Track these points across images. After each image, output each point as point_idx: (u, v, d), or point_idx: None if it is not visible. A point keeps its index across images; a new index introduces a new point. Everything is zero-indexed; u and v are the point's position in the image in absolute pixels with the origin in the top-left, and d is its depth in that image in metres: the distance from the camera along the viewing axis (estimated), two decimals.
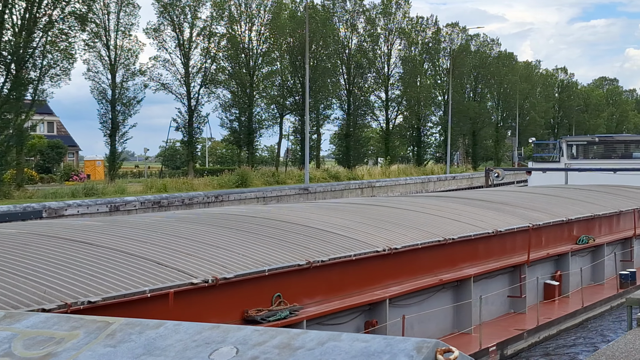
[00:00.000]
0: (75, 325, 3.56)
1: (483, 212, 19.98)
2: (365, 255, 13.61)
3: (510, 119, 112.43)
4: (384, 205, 19.33)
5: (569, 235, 22.20)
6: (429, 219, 17.62)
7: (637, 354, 9.06)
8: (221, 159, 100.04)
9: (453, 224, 17.61)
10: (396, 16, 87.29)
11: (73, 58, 51.62)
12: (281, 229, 13.99)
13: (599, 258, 23.10)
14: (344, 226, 15.15)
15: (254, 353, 3.06)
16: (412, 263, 14.97)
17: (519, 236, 19.08)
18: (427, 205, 19.96)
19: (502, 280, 18.09)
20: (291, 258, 12.15)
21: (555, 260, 20.95)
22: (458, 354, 2.82)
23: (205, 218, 14.77)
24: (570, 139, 45.90)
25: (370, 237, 14.72)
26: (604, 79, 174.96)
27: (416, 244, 15.05)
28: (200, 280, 10.21)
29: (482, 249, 17.54)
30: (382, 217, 17.04)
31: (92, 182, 48.52)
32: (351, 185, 56.81)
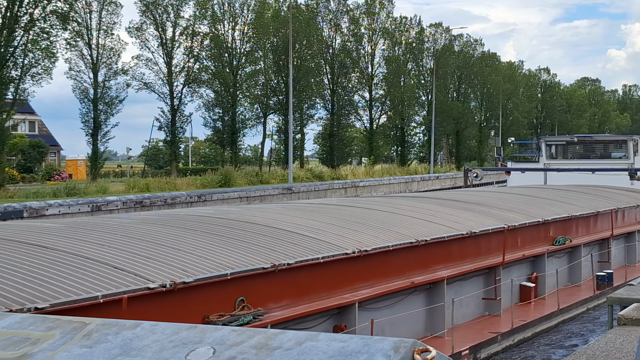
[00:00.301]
0: (51, 325, 3.53)
1: (458, 213, 19.56)
2: (334, 258, 13.21)
3: (493, 119, 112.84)
4: (358, 206, 18.87)
5: (546, 236, 21.82)
6: (402, 220, 17.15)
7: (617, 353, 9.09)
8: (204, 159, 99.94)
9: (426, 225, 17.18)
10: (380, 16, 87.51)
11: (55, 57, 51.47)
12: (247, 231, 13.51)
13: (575, 259, 22.80)
14: (313, 228, 14.69)
15: (231, 353, 3.04)
16: (383, 265, 14.54)
17: (494, 237, 18.65)
18: (402, 206, 19.49)
19: (477, 282, 17.74)
20: (256, 261, 11.71)
21: (532, 261, 20.60)
22: (435, 354, 2.82)
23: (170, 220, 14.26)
24: (549, 138, 45.46)
25: (340, 239, 14.28)
26: (586, 79, 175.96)
27: (387, 246, 14.64)
28: (158, 285, 9.80)
29: (456, 251, 17.13)
30: (354, 218, 16.58)
31: (74, 182, 48.34)
32: (335, 185, 56.84)
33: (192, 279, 10.34)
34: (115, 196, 39.56)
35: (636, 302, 11.65)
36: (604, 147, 42.59)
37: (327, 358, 2.86)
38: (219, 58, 68.45)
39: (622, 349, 9.17)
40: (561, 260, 22.31)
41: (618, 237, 26.38)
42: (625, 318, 10.77)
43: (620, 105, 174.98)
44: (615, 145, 42.67)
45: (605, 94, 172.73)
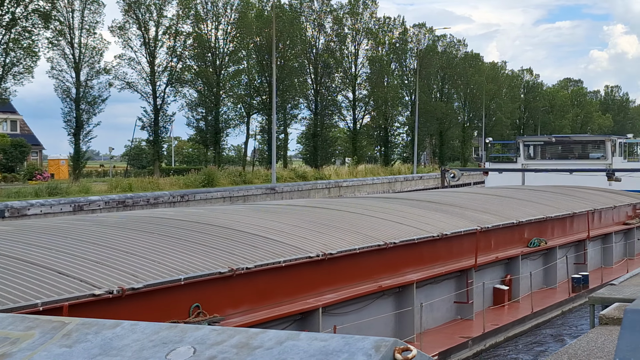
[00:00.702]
0: (30, 325, 3.50)
1: (430, 215, 19.27)
2: (297, 262, 12.88)
3: (476, 120, 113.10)
4: (327, 208, 18.54)
5: (520, 238, 21.58)
6: (371, 222, 16.84)
7: (599, 352, 9.12)
8: (187, 159, 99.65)
9: (397, 227, 16.85)
10: (363, 16, 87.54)
11: (36, 56, 51.30)
12: (207, 234, 13.13)
13: (551, 261, 22.62)
14: (278, 230, 14.37)
15: (212, 353, 3.02)
16: (350, 269, 14.24)
17: (466, 239, 18.32)
18: (372, 208, 19.18)
19: (448, 285, 17.46)
20: (213, 265, 11.34)
21: (505, 264, 20.36)
22: (416, 353, 2.81)
23: (128, 222, 13.81)
24: (527, 139, 45.29)
25: (304, 241, 13.94)
26: (568, 80, 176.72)
27: (354, 249, 14.35)
28: (104, 291, 9.32)
29: (426, 254, 16.82)
30: (321, 220, 16.26)
31: (56, 182, 48.11)
32: (318, 185, 56.84)
33: (142, 284, 9.91)
34: (97, 196, 39.41)
35: (618, 301, 11.70)
36: (582, 147, 42.49)
37: (308, 357, 2.85)
38: (202, 58, 68.30)
39: (604, 349, 9.20)
40: (536, 263, 22.15)
41: (594, 239, 26.20)
42: (607, 317, 10.80)
43: (603, 106, 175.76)
44: (593, 145, 42.47)
45: (588, 94, 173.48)
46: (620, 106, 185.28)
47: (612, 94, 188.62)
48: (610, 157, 39.93)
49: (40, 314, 8.24)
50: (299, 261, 12.93)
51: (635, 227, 29.73)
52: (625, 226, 29.20)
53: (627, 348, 3.86)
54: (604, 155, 40.44)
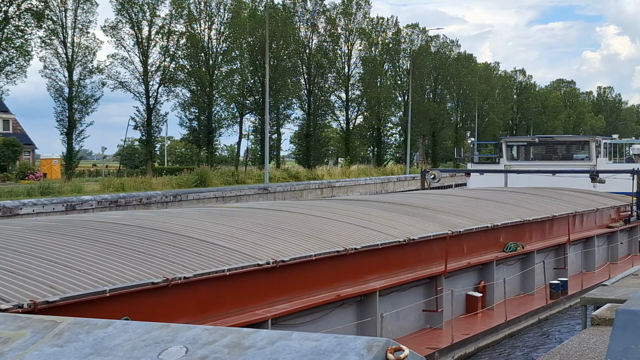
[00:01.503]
0: (21, 324, 3.49)
1: (399, 218, 18.29)
2: (244, 270, 11.99)
3: (469, 120, 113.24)
4: (289, 211, 17.58)
5: (495, 242, 20.67)
6: (334, 227, 15.91)
7: (590, 353, 9.14)
8: (180, 159, 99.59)
9: (361, 231, 15.96)
10: (356, 16, 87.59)
11: (29, 55, 51.22)
12: (148, 240, 12.17)
13: (528, 267, 21.75)
14: (228, 236, 13.46)
15: (204, 352, 3.02)
16: (304, 277, 13.40)
17: (435, 244, 17.40)
18: (338, 211, 18.25)
19: (417, 293, 16.58)
20: (146, 274, 10.45)
21: (479, 269, 19.44)
22: (408, 353, 2.81)
23: (65, 226, 12.75)
24: (509, 139, 43.89)
25: (255, 248, 13.05)
26: (561, 81, 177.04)
27: (309, 256, 13.45)
28: (12, 305, 8.39)
29: (392, 260, 15.90)
30: (279, 224, 15.31)
31: (49, 181, 47.98)
32: (311, 185, 56.84)
33: (59, 297, 8.97)
34: (90, 195, 39.33)
35: (609, 302, 11.72)
36: (566, 148, 41.34)
37: (300, 357, 2.85)
38: (195, 57, 68.24)
39: (596, 349, 9.22)
40: (513, 268, 21.31)
41: (576, 243, 25.45)
42: (599, 318, 10.83)
43: (595, 107, 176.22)
44: (577, 146, 41.44)
45: (580, 95, 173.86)
46: (612, 107, 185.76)
47: (605, 95, 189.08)
48: (594, 158, 39.08)
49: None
50: (246, 269, 12.07)
51: (619, 230, 29.05)
52: (608, 229, 28.54)
53: (618, 348, 3.86)
54: (588, 156, 39.57)
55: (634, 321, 3.97)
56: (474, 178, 39.51)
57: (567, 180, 34.00)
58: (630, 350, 3.82)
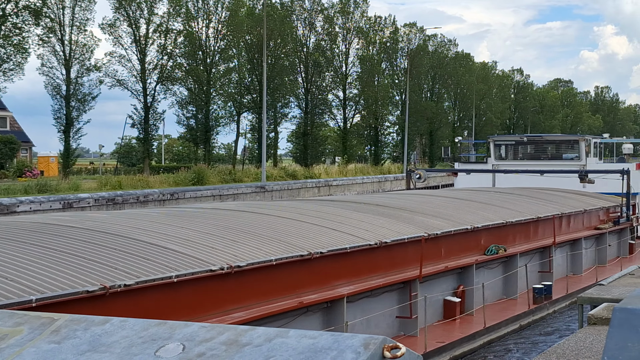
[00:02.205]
0: (19, 321, 3.49)
1: (374, 220, 17.52)
2: (194, 276, 11.15)
3: (466, 120, 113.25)
4: (256, 212, 16.68)
5: (476, 245, 19.84)
6: (301, 229, 15.11)
7: (587, 352, 9.15)
8: (177, 157, 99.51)
9: (330, 234, 15.20)
10: (354, 15, 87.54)
11: (27, 53, 51.16)
12: (89, 243, 11.23)
13: (511, 270, 20.94)
14: (183, 239, 12.61)
15: (201, 349, 3.02)
16: (264, 283, 12.62)
17: (410, 248, 16.58)
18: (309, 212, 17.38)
19: (390, 299, 15.87)
20: (81, 282, 9.60)
21: (458, 273, 18.69)
22: (405, 350, 2.81)
23: (8, 229, 11.91)
24: (497, 138, 42.75)
25: (211, 252, 12.19)
26: (559, 80, 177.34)
27: (269, 260, 12.67)
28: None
29: (362, 264, 15.12)
30: (242, 226, 14.44)
31: (46, 179, 47.95)
32: (308, 184, 56.82)
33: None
34: (87, 193, 39.31)
35: (606, 301, 11.73)
36: (555, 147, 40.35)
37: (297, 354, 2.85)
38: (193, 56, 68.18)
39: (592, 348, 9.23)
40: (495, 272, 20.58)
41: (562, 245, 24.80)
42: (595, 317, 10.84)
43: (593, 107, 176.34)
44: (567, 145, 40.39)
45: (578, 95, 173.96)
46: (610, 107, 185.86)
47: (602, 94, 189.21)
48: (584, 158, 38.09)
49: None
50: (197, 275, 11.19)
51: (608, 232, 28.38)
52: (596, 231, 27.89)
53: (615, 347, 3.87)
54: (578, 155, 38.58)
55: (631, 319, 3.98)
56: (461, 178, 38.71)
57: (557, 181, 33.34)
58: (627, 348, 3.83)
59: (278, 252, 13.13)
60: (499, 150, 40.18)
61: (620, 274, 15.54)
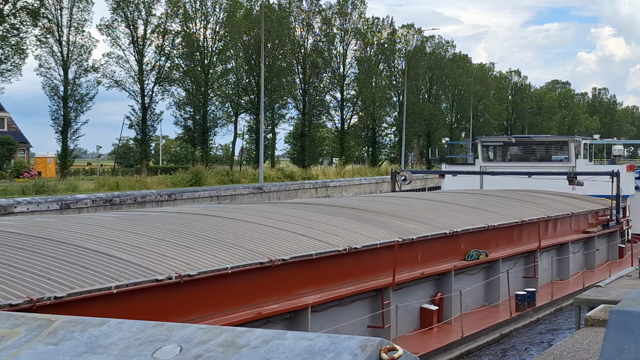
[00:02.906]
0: (16, 322, 3.48)
1: (347, 224, 16.66)
2: (137, 287, 10.27)
3: (464, 121, 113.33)
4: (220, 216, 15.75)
5: (455, 250, 18.94)
6: (265, 235, 14.28)
7: (584, 354, 9.16)
8: (175, 158, 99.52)
9: (296, 240, 14.37)
10: (352, 16, 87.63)
11: (24, 53, 51.16)
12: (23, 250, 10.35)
13: (493, 276, 20.02)
14: (132, 246, 11.70)
15: (198, 351, 3.02)
16: (218, 293, 11.81)
17: (383, 253, 15.71)
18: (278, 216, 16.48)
19: (361, 307, 15.18)
20: (4, 295, 8.84)
21: (436, 280, 17.83)
22: (402, 352, 2.82)
23: None
24: (485, 139, 41.33)
25: (161, 260, 11.32)
26: (556, 82, 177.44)
27: (225, 268, 11.81)
28: None
29: (330, 271, 14.33)
30: (201, 231, 13.63)
31: (43, 179, 47.93)
32: (306, 185, 56.83)
33: None
34: (84, 194, 39.29)
35: (603, 303, 11.75)
36: (545, 148, 38.92)
37: (294, 356, 2.85)
38: (191, 56, 68.21)
39: (589, 350, 9.24)
40: (475, 278, 19.70)
41: (547, 250, 23.93)
42: (593, 319, 10.86)
43: (590, 108, 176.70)
44: (556, 146, 38.86)
45: (575, 96, 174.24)
46: (607, 108, 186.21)
47: (600, 96, 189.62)
48: (574, 160, 36.69)
49: None
50: (141, 286, 10.31)
51: (596, 235, 27.56)
52: (584, 235, 27.02)
53: (612, 349, 3.88)
54: (567, 157, 37.20)
55: (627, 322, 3.98)
56: (448, 180, 37.82)
57: (546, 183, 32.60)
58: (623, 350, 3.84)
59: (236, 260, 12.27)
60: (486, 151, 39.05)
61: (617, 275, 15.57)
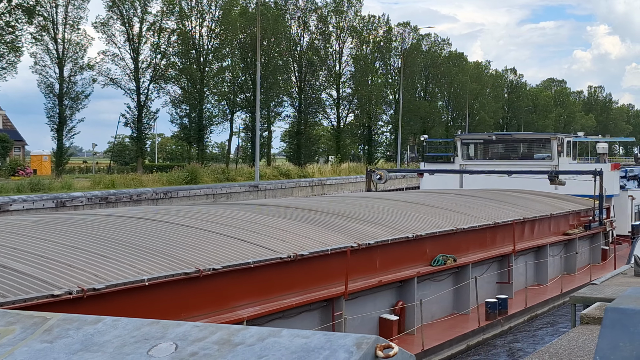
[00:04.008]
0: (11, 320, 3.48)
1: (297, 229, 15.27)
2: (29, 304, 9.09)
3: (460, 119, 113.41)
4: (155, 220, 14.25)
5: (420, 255, 17.59)
6: (199, 240, 12.91)
7: (579, 352, 9.16)
8: (171, 156, 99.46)
9: (235, 246, 13.09)
10: (348, 14, 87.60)
11: (20, 51, 51.04)
12: None
13: (462, 282, 18.73)
14: (37, 255, 10.47)
15: (194, 349, 3.01)
16: (131, 308, 10.52)
17: (335, 260, 14.53)
18: (219, 220, 15.02)
19: (309, 319, 14.19)
20: None
21: (398, 287, 16.51)
22: (398, 350, 2.81)
23: None
24: (465, 136, 39.82)
25: (66, 272, 10.02)
26: (552, 80, 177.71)
27: (140, 280, 10.53)
28: None
29: (272, 281, 13.19)
30: (124, 237, 12.27)
31: (39, 177, 47.87)
32: (301, 183, 56.81)
33: None
34: (80, 192, 39.26)
35: (598, 301, 11.76)
36: (527, 146, 37.36)
37: (289, 354, 2.84)
38: (186, 54, 68.11)
39: (585, 348, 9.24)
40: (443, 285, 18.38)
41: (524, 253, 22.66)
42: (588, 317, 10.86)
43: (586, 107, 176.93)
44: (538, 144, 37.25)
45: (571, 95, 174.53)
46: (603, 106, 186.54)
47: (595, 94, 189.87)
48: (556, 158, 34.99)
49: None
50: (31, 303, 9.14)
51: (577, 237, 26.33)
52: (564, 237, 25.80)
53: (607, 346, 3.88)
54: (550, 155, 35.50)
55: (622, 319, 3.99)
56: (427, 179, 36.16)
57: (527, 182, 31.32)
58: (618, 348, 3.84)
59: (157, 269, 10.98)
60: (466, 149, 37.35)
61: (612, 273, 15.55)
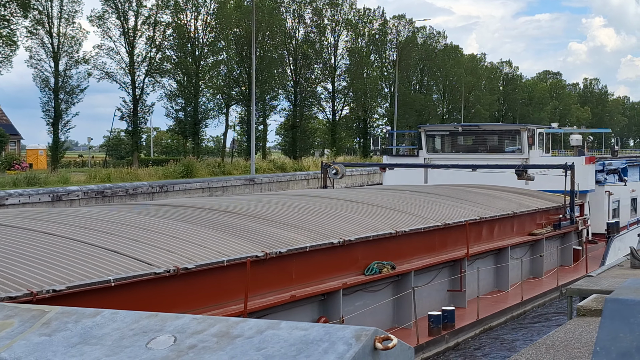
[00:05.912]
0: (9, 314, 3.47)
1: (193, 236, 12.64)
2: None
3: (455, 112, 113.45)
4: (21, 227, 11.77)
5: (350, 263, 15.21)
6: (50, 253, 10.31)
7: (576, 343, 9.17)
8: (166, 149, 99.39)
9: (104, 259, 10.46)
10: (343, 7, 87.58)
11: (15, 45, 50.91)
12: None
13: (403, 292, 16.28)
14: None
15: (192, 341, 3.01)
16: None
17: (232, 274, 12.09)
18: (110, 224, 12.70)
19: None
20: None
21: (320, 301, 14.40)
22: (397, 342, 2.81)
23: None
24: (429, 128, 37.21)
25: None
26: (547, 72, 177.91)
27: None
28: None
29: (144, 301, 10.45)
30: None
31: (34, 172, 47.77)
32: (297, 177, 56.79)
33: None
34: (76, 186, 39.19)
35: (595, 293, 11.77)
36: (497, 138, 34.95)
37: (288, 346, 2.84)
38: (182, 48, 68.06)
39: (581, 339, 9.25)
40: (380, 295, 16.09)
41: (481, 257, 20.24)
42: (585, 309, 10.86)
43: (581, 99, 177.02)
44: (507, 136, 34.71)
45: (567, 87, 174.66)
46: (598, 99, 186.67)
47: (591, 86, 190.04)
48: (527, 151, 32.41)
49: None
50: None
51: (544, 238, 23.91)
52: (530, 237, 23.32)
53: (607, 337, 3.89)
54: (520, 148, 32.89)
55: (622, 310, 3.99)
56: (389, 174, 33.94)
57: (497, 177, 28.87)
58: (618, 339, 3.85)
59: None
60: (432, 141, 34.79)
61: (608, 265, 15.56)
